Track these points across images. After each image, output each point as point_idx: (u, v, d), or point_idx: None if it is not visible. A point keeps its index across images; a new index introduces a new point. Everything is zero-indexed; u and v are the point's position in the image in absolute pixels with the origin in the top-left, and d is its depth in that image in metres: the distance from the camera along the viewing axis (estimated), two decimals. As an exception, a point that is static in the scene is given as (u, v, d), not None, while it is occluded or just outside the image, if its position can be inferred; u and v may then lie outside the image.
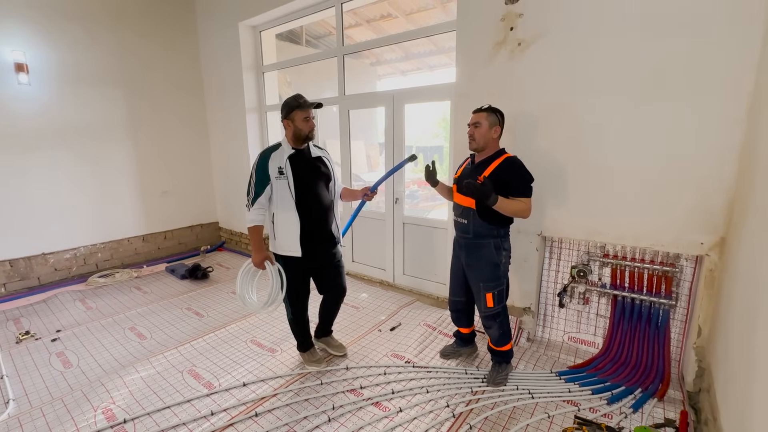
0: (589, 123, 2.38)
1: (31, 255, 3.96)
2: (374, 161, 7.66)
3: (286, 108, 2.18)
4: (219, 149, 5.31)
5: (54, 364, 2.61)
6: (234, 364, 2.54)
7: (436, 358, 2.61)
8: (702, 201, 2.11)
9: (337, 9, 3.80)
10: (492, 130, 2.12)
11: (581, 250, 2.66)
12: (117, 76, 4.38)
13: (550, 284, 2.81)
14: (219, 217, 5.62)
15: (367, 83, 7.72)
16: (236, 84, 4.73)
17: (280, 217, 2.21)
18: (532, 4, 2.47)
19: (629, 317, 2.51)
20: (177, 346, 2.77)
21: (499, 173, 2.07)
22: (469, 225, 2.19)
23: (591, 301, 2.67)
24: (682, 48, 2.04)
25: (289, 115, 2.16)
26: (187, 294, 3.80)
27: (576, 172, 2.49)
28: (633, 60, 2.18)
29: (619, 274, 2.53)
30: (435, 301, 3.52)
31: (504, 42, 2.61)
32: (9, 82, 3.67)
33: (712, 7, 1.95)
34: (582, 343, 2.70)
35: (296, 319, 2.42)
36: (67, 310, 3.46)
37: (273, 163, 2.16)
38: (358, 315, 3.29)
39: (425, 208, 6.25)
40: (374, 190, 2.45)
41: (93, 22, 4.14)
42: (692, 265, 2.31)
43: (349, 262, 4.29)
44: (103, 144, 4.35)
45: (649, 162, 2.23)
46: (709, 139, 2.05)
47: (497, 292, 2.22)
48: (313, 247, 2.27)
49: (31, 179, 3.88)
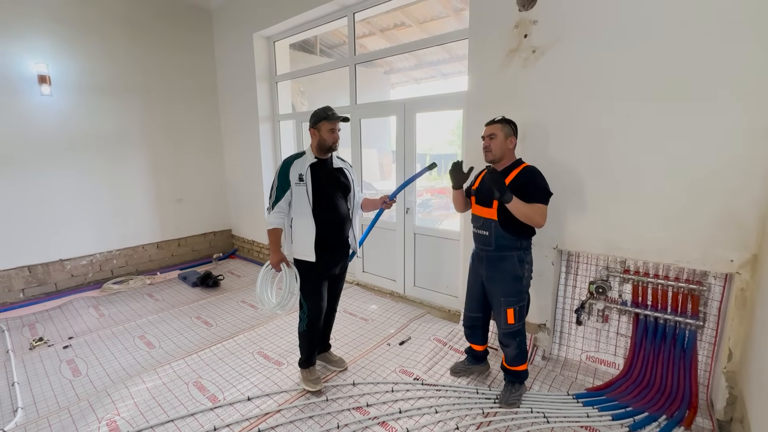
0: (607, 132, 2.28)
1: (49, 261, 4.05)
2: (387, 170, 7.63)
3: (314, 118, 2.23)
4: (232, 157, 5.37)
5: (63, 372, 2.63)
6: (239, 377, 2.50)
7: (446, 375, 2.51)
8: (731, 215, 1.98)
9: (350, 19, 3.81)
10: (508, 141, 2.08)
11: (600, 265, 2.54)
12: (135, 85, 4.48)
13: (567, 300, 2.69)
14: (232, 225, 5.66)
15: (381, 91, 7.72)
16: (250, 93, 4.78)
17: (297, 222, 2.25)
18: (547, 11, 2.40)
19: (652, 337, 2.37)
20: (184, 356, 2.75)
21: (517, 181, 2.02)
22: (491, 237, 2.11)
23: (611, 318, 2.54)
24: (707, 55, 1.94)
25: (316, 124, 2.22)
26: (198, 302, 3.80)
27: (593, 182, 2.38)
28: (654, 67, 2.08)
29: (641, 291, 2.40)
30: (446, 314, 3.42)
31: (518, 49, 2.54)
32: (32, 93, 3.79)
33: (741, 13, 1.84)
34: (601, 363, 2.56)
35: (309, 332, 2.37)
36: (81, 317, 3.50)
37: (294, 170, 2.20)
38: (367, 327, 3.22)
39: (438, 217, 6.17)
40: (393, 197, 2.46)
41: (113, 33, 4.26)
42: (721, 283, 2.17)
43: (360, 272, 4.23)
44: (119, 152, 4.44)
45: (672, 173, 2.11)
46: (736, 150, 1.93)
47: (519, 307, 2.13)
48: (327, 254, 2.29)
49: (50, 187, 3.98)
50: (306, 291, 2.32)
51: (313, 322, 2.35)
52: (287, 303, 2.35)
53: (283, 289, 2.33)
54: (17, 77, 3.70)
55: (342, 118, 2.24)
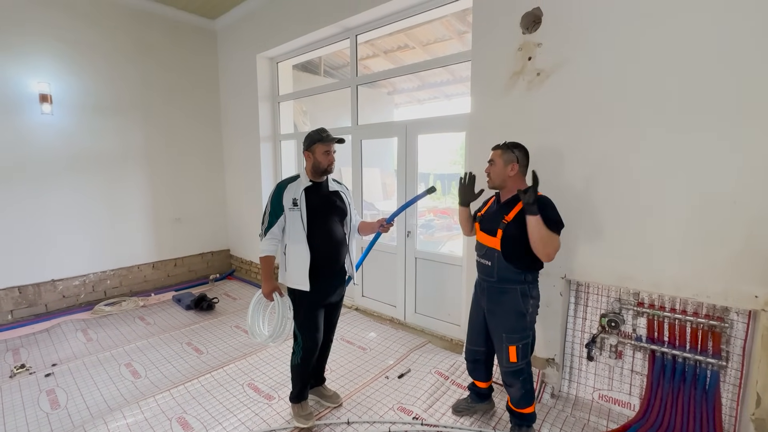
0: (617, 157, 2.18)
1: (41, 281, 3.95)
2: (390, 189, 7.54)
3: (308, 140, 2.16)
4: (233, 176, 5.31)
5: (42, 404, 2.48)
6: (227, 412, 2.34)
7: (447, 414, 2.34)
8: (752, 247, 1.85)
9: (352, 41, 3.80)
10: (508, 168, 1.96)
11: (611, 297, 2.39)
12: (136, 104, 4.47)
13: (577, 333, 2.53)
14: (230, 245, 5.56)
15: (384, 111, 7.73)
16: (252, 113, 4.77)
17: (291, 249, 2.13)
18: (552, 33, 2.34)
19: (671, 377, 2.19)
20: (170, 387, 2.60)
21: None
22: (493, 267, 1.99)
23: (624, 355, 2.37)
24: (718, 79, 1.85)
25: (311, 147, 2.14)
26: (190, 327, 3.66)
27: (602, 210, 2.26)
28: (666, 92, 2.00)
29: (657, 326, 2.24)
30: (448, 344, 3.25)
31: (522, 72, 2.48)
32: (33, 112, 3.77)
33: (751, 36, 1.76)
34: (615, 404, 2.38)
35: (303, 365, 2.22)
36: (68, 342, 3.37)
37: (288, 194, 2.11)
38: (365, 357, 3.05)
39: (440, 238, 6.03)
40: (390, 221, 2.34)
41: (116, 53, 4.28)
42: (744, 320, 2.01)
43: (359, 297, 4.09)
44: (118, 171, 4.39)
45: (687, 200, 1.99)
46: (754, 178, 1.81)
47: (522, 345, 1.98)
48: (323, 282, 2.17)
49: (47, 206, 3.91)
50: (300, 321, 2.19)
51: (308, 356, 2.21)
52: (280, 335, 2.23)
53: (276, 321, 2.20)
54: (18, 96, 3.69)
55: (337, 140, 2.17)
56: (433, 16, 3.38)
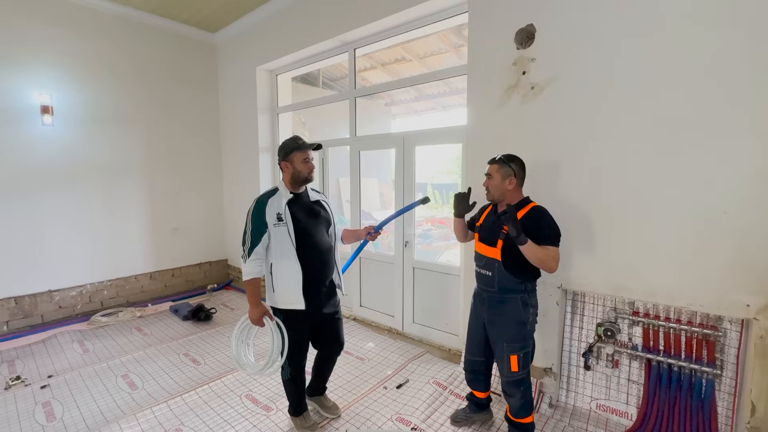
0: (611, 170, 2.23)
1: (37, 292, 3.93)
2: (388, 199, 7.59)
3: (284, 150, 2.10)
4: (231, 186, 5.34)
5: (37, 416, 2.45)
6: (224, 424, 2.33)
7: (446, 424, 2.34)
8: (744, 257, 1.89)
9: (350, 54, 3.87)
10: (506, 182, 2.00)
11: (607, 306, 2.42)
12: (136, 116, 4.51)
13: (574, 342, 2.55)
14: (228, 255, 5.56)
15: (382, 122, 7.81)
16: (251, 125, 4.82)
17: (279, 266, 2.04)
18: (546, 49, 2.41)
19: (667, 385, 2.21)
20: (167, 399, 2.58)
21: (525, 223, 1.90)
22: (494, 278, 2.01)
23: (621, 364, 2.39)
24: (707, 94, 1.91)
25: (288, 156, 2.08)
26: (187, 338, 3.64)
27: (597, 221, 2.30)
28: (658, 106, 2.06)
29: (652, 335, 2.26)
30: (446, 354, 3.25)
31: (516, 86, 2.54)
32: (34, 123, 3.80)
33: (742, 51, 1.83)
34: (613, 413, 2.39)
35: (295, 380, 2.21)
36: (64, 353, 3.34)
37: (271, 210, 2.02)
38: (363, 368, 3.05)
39: (438, 248, 6.05)
40: (378, 230, 2.32)
41: (117, 66, 4.33)
42: (738, 329, 2.04)
43: (357, 307, 4.09)
44: (117, 182, 4.41)
45: (679, 212, 2.04)
46: (742, 191, 1.87)
47: (523, 354, 2.00)
48: (317, 298, 2.12)
49: (46, 217, 3.92)
50: (291, 340, 2.10)
51: (298, 372, 2.20)
52: (272, 365, 2.07)
53: (270, 350, 2.06)
54: (20, 107, 3.72)
55: (314, 146, 2.13)
56: (429, 31, 3.46)
